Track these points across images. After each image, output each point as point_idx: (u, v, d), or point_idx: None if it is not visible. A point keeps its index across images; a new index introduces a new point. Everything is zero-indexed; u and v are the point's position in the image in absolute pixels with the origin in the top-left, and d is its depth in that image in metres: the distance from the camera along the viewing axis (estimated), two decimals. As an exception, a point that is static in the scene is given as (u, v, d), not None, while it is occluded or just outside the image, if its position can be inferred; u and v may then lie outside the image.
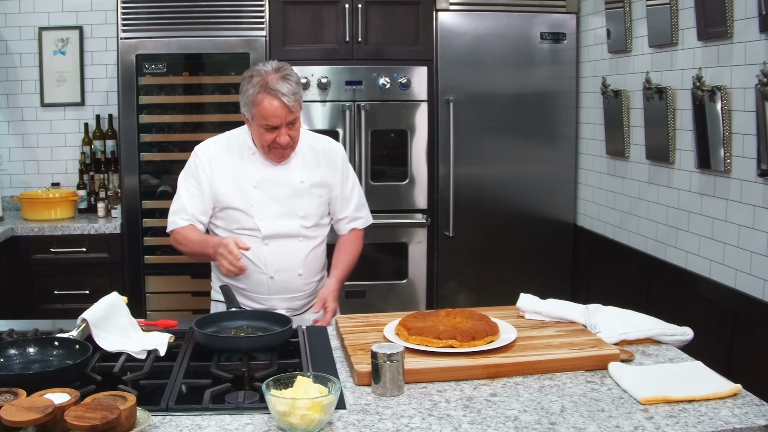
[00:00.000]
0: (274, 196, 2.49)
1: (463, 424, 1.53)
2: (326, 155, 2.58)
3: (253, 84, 2.37)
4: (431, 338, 1.86)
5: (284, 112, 2.35)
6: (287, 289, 2.53)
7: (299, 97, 2.38)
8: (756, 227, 2.69)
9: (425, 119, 3.99)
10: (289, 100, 2.33)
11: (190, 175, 2.53)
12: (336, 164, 2.59)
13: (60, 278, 3.90)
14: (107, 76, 4.39)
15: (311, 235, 2.55)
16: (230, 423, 1.53)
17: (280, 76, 2.35)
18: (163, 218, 3.98)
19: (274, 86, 2.33)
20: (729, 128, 2.78)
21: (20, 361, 1.76)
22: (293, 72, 2.42)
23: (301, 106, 2.42)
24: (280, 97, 2.33)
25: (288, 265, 2.51)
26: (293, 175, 2.51)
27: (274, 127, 2.37)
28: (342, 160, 2.62)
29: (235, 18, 3.88)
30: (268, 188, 2.49)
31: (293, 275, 2.52)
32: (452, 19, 3.98)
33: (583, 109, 4.09)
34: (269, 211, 2.48)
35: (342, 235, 2.68)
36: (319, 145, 2.59)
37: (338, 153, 2.61)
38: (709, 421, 1.54)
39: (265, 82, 2.34)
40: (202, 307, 3.82)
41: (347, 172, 2.64)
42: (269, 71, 2.37)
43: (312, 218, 2.54)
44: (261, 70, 2.39)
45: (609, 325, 2.05)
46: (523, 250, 4.13)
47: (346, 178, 2.63)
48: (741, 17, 2.69)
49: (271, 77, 2.35)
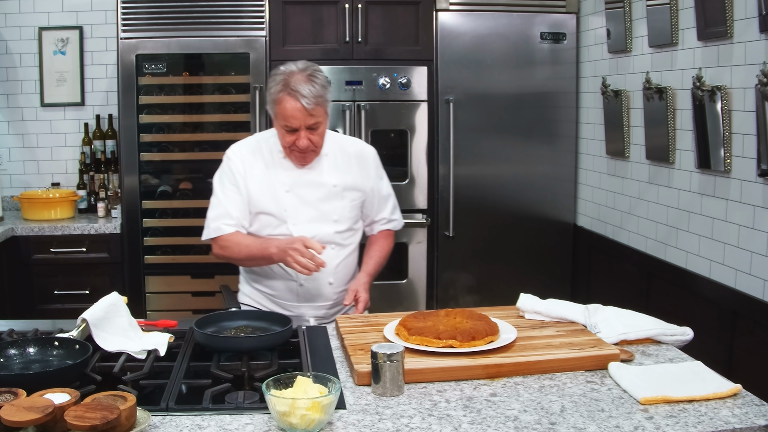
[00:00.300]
0: (307, 200, 2.44)
1: (463, 424, 1.53)
2: (358, 158, 2.52)
3: (276, 82, 2.31)
4: (431, 338, 1.86)
5: (303, 115, 2.28)
6: (316, 297, 2.48)
7: (322, 100, 2.30)
8: (756, 227, 2.69)
9: (425, 119, 3.99)
10: (308, 102, 2.26)
11: (226, 180, 2.46)
12: (369, 167, 2.54)
13: (60, 278, 3.90)
14: (107, 76, 4.39)
15: (344, 242, 2.50)
16: (230, 423, 1.53)
17: (304, 76, 2.29)
18: (162, 218, 4.00)
19: (295, 86, 2.26)
20: (729, 128, 2.78)
21: (20, 361, 1.76)
22: (321, 74, 2.34)
23: (326, 111, 2.34)
24: (299, 98, 2.26)
25: (318, 273, 2.40)
26: (326, 178, 2.46)
27: (293, 129, 2.31)
28: (375, 162, 2.57)
29: (235, 18, 3.88)
30: (300, 192, 2.43)
31: (323, 284, 2.47)
32: (452, 19, 3.98)
33: (583, 109, 4.09)
34: (302, 216, 2.43)
35: (373, 235, 2.64)
36: (351, 147, 2.54)
37: (370, 155, 2.56)
38: (709, 421, 1.54)
39: (288, 81, 2.28)
40: (202, 307, 3.83)
41: (381, 174, 2.60)
42: (294, 71, 2.31)
43: (345, 222, 2.49)
44: (287, 69, 2.32)
45: (609, 325, 2.05)
46: (523, 250, 4.13)
47: (381, 179, 2.59)
48: (741, 17, 2.69)
49: (295, 77, 2.29)
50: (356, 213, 2.53)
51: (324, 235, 2.43)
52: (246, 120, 3.93)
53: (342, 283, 2.52)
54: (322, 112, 2.31)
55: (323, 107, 2.31)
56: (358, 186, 2.50)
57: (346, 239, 2.51)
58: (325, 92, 2.31)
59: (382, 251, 2.61)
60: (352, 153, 2.52)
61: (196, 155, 4.02)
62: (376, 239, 2.64)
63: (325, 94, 2.31)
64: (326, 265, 2.35)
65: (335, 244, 2.47)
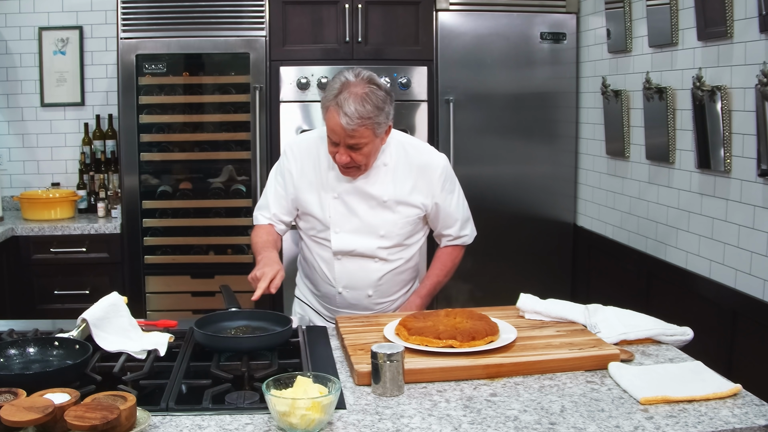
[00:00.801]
0: (354, 210, 2.34)
1: (463, 424, 1.53)
2: (423, 171, 2.35)
3: (331, 88, 2.17)
4: (431, 338, 1.86)
5: (342, 132, 2.15)
6: (356, 306, 2.43)
7: (370, 122, 2.13)
8: (756, 227, 2.68)
9: (425, 119, 3.99)
10: (349, 122, 2.11)
11: (278, 173, 2.43)
12: (433, 182, 2.36)
13: (60, 278, 3.91)
14: (107, 76, 4.39)
15: (389, 258, 2.38)
16: (230, 423, 1.53)
17: (357, 92, 2.13)
18: (162, 218, 4.00)
19: (342, 101, 2.12)
20: (729, 128, 2.78)
21: (20, 361, 1.76)
22: (379, 92, 2.16)
23: (374, 133, 2.17)
24: (340, 116, 2.12)
25: (358, 284, 2.38)
26: (378, 188, 2.32)
27: (335, 143, 2.21)
28: (442, 176, 2.37)
29: (235, 18, 3.88)
30: (348, 200, 2.33)
31: (362, 295, 2.41)
32: (452, 19, 3.98)
33: (583, 109, 4.09)
34: (346, 225, 2.34)
35: (439, 248, 2.54)
36: (417, 158, 2.36)
37: (437, 169, 2.36)
38: (709, 421, 1.54)
39: (341, 91, 2.14)
40: (202, 307, 3.83)
41: (451, 188, 2.42)
42: (352, 81, 2.16)
43: (392, 239, 2.36)
44: (347, 77, 2.17)
45: (609, 325, 2.05)
46: (523, 250, 4.13)
47: (450, 193, 2.41)
48: (741, 17, 2.69)
49: (348, 90, 2.14)
50: (409, 230, 2.38)
51: (366, 249, 2.35)
52: (246, 120, 3.93)
53: (384, 296, 2.44)
54: (367, 134, 2.16)
55: (371, 129, 2.16)
56: (414, 201, 2.35)
57: (392, 255, 2.39)
58: (377, 114, 2.15)
59: (444, 268, 2.51)
60: (416, 164, 2.35)
61: (196, 155, 4.02)
62: (440, 255, 2.53)
63: (377, 117, 2.15)
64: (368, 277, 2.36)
65: (379, 258, 2.38)
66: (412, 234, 2.42)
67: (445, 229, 2.48)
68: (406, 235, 2.39)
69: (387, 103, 2.19)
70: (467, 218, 2.52)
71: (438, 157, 2.40)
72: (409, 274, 2.51)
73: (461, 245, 2.55)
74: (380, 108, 2.16)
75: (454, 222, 2.46)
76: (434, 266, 2.52)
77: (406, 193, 2.34)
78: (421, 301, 2.45)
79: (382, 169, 2.33)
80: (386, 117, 2.20)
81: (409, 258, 2.45)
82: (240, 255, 3.98)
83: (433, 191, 2.37)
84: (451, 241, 2.52)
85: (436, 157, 2.40)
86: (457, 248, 2.55)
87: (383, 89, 2.20)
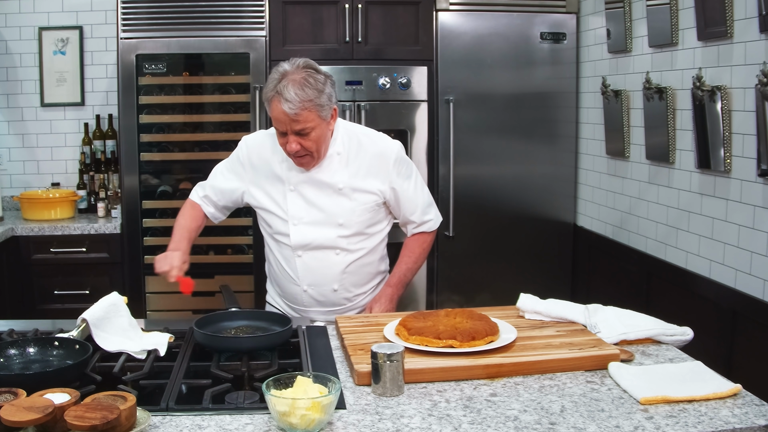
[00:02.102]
0: (311, 201, 2.34)
1: (463, 424, 1.53)
2: (377, 158, 2.36)
3: (271, 80, 2.20)
4: (431, 338, 1.86)
5: (287, 119, 2.16)
6: (323, 302, 2.42)
7: (312, 105, 2.16)
8: (756, 227, 2.69)
9: (425, 119, 3.99)
10: (291, 107, 2.14)
11: (229, 163, 2.46)
12: (388, 168, 2.36)
13: (60, 278, 3.90)
14: (107, 76, 4.39)
15: (351, 247, 2.37)
16: (230, 423, 1.53)
17: (297, 78, 2.16)
18: (162, 218, 4.00)
19: (281, 89, 2.15)
20: (729, 128, 2.78)
21: (20, 361, 1.76)
22: (318, 75, 2.20)
23: (319, 115, 2.19)
24: (282, 102, 2.15)
25: (322, 279, 2.37)
26: (332, 176, 2.33)
27: (282, 132, 2.22)
28: (396, 162, 2.37)
29: (235, 18, 3.88)
30: (305, 191, 2.34)
31: (328, 290, 2.40)
32: (452, 19, 3.98)
33: (583, 109, 4.09)
34: (305, 217, 2.34)
35: (407, 238, 2.54)
36: (371, 146, 2.37)
37: (390, 155, 2.37)
38: (709, 421, 1.54)
39: (279, 81, 2.17)
40: (202, 307, 3.83)
41: (407, 173, 2.42)
42: (288, 71, 2.19)
43: (352, 227, 2.35)
44: (282, 67, 2.21)
45: (609, 325, 2.05)
46: (523, 250, 4.13)
47: (407, 179, 2.41)
48: (741, 17, 2.69)
49: (286, 78, 2.17)
50: (368, 217, 2.38)
51: (326, 239, 2.35)
52: (246, 120, 3.93)
53: (352, 288, 2.43)
54: (312, 117, 2.18)
55: (315, 112, 2.17)
56: (370, 188, 2.36)
57: (353, 244, 2.38)
58: (319, 96, 2.17)
59: (413, 255, 2.50)
60: (370, 151, 2.36)
61: (196, 155, 4.02)
62: (407, 243, 2.53)
63: (318, 99, 2.17)
64: (331, 271, 2.36)
65: (340, 249, 2.37)
66: (372, 223, 2.41)
67: (408, 216, 2.47)
68: (365, 223, 2.38)
69: (327, 85, 2.21)
70: (428, 203, 2.51)
71: (391, 143, 2.41)
72: (375, 267, 2.49)
73: (427, 231, 2.54)
74: (320, 90, 2.18)
75: (415, 207, 2.46)
76: (402, 254, 2.53)
77: (360, 179, 2.35)
78: (391, 290, 2.44)
79: (336, 158, 2.34)
80: (328, 99, 2.22)
81: (372, 248, 2.44)
82: (240, 255, 3.98)
83: (389, 177, 2.37)
84: (416, 228, 2.52)
85: (390, 143, 2.41)
86: (424, 234, 2.54)
87: (321, 72, 2.22)
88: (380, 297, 2.43)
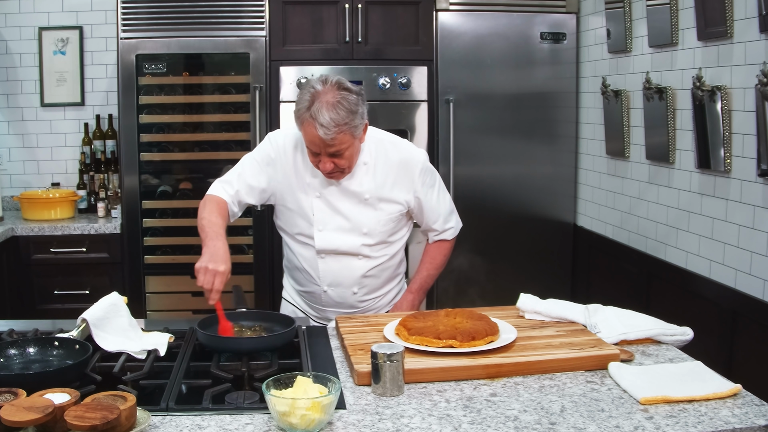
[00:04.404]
0: (337, 209, 2.33)
1: (463, 424, 1.53)
2: (403, 167, 2.35)
3: (302, 100, 2.14)
4: (431, 338, 1.86)
5: (322, 143, 2.14)
6: (341, 304, 2.43)
7: (347, 127, 2.12)
8: (756, 227, 2.69)
9: (425, 119, 3.99)
10: (326, 132, 2.10)
11: (254, 159, 2.36)
12: (413, 178, 2.36)
13: (60, 278, 3.90)
14: (107, 76, 4.39)
15: (373, 255, 2.38)
16: (230, 423, 1.53)
17: (329, 101, 2.11)
18: (162, 218, 4.00)
19: (315, 112, 2.10)
20: (729, 128, 2.78)
21: (20, 361, 1.76)
22: (350, 97, 2.14)
23: (353, 135, 2.16)
24: (317, 128, 2.10)
25: (343, 282, 2.38)
26: (359, 186, 2.32)
27: (315, 153, 2.20)
28: (421, 172, 2.37)
29: (235, 18, 3.88)
30: (331, 199, 2.32)
31: (347, 293, 2.41)
32: (452, 19, 3.98)
33: (583, 109, 4.09)
34: (330, 223, 2.34)
35: (428, 244, 2.56)
36: (396, 155, 2.35)
37: (416, 164, 2.36)
38: (709, 421, 1.54)
39: (312, 102, 2.12)
40: (202, 307, 3.82)
41: (431, 182, 2.42)
42: (320, 91, 2.13)
43: (376, 236, 2.36)
44: (315, 86, 2.14)
45: (609, 325, 2.05)
46: (523, 250, 4.13)
47: (431, 188, 2.41)
48: (741, 17, 2.69)
49: (320, 99, 2.11)
50: (392, 226, 2.38)
51: (350, 246, 2.35)
52: (246, 120, 3.93)
53: (370, 292, 2.44)
54: (346, 139, 2.15)
55: (349, 134, 2.14)
56: (396, 198, 2.36)
57: (376, 252, 2.38)
58: (352, 118, 2.13)
59: (434, 262, 2.52)
60: (395, 161, 2.35)
61: (196, 155, 4.02)
62: (428, 250, 2.55)
63: (352, 121, 2.13)
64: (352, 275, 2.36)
65: (363, 255, 2.37)
66: (395, 231, 2.41)
67: (430, 224, 2.48)
68: (389, 232, 2.39)
69: (360, 104, 2.18)
70: (450, 210, 2.53)
71: (417, 153, 2.40)
72: (393, 270, 2.50)
73: (448, 239, 2.56)
74: (354, 111, 2.14)
75: (438, 216, 2.47)
76: (423, 261, 2.54)
77: (387, 189, 2.35)
78: (413, 296, 2.47)
79: (362, 167, 2.33)
80: (361, 118, 2.19)
81: (393, 254, 2.45)
82: (240, 255, 3.98)
83: (414, 187, 2.37)
84: (437, 236, 2.53)
85: (416, 153, 2.40)
86: (445, 242, 2.56)
87: (354, 92, 2.17)
88: (402, 303, 2.45)
